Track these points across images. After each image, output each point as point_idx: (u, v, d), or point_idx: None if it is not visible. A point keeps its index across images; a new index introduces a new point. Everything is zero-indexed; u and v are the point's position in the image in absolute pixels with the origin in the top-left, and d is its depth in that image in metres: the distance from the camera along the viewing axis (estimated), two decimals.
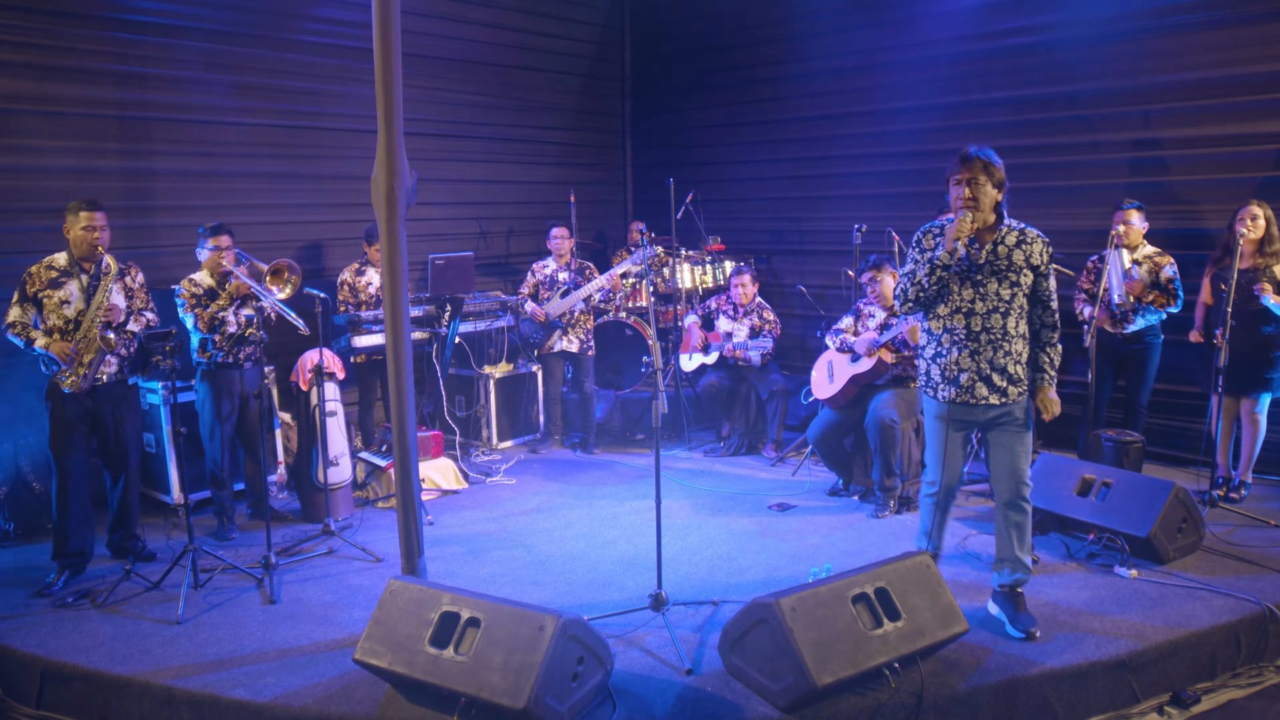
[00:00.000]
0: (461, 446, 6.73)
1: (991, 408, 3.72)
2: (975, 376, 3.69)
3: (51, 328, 4.41)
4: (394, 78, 3.61)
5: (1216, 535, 4.70)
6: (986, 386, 3.69)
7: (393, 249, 3.72)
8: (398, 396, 3.78)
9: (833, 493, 5.68)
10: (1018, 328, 3.70)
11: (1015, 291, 3.67)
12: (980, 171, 3.63)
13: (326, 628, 3.96)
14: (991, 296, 3.67)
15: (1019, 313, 3.70)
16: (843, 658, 3.15)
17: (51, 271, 4.44)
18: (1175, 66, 5.91)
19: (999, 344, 3.67)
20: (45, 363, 4.46)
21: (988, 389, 3.69)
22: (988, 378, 3.68)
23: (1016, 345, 3.70)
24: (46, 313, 4.41)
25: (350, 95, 6.83)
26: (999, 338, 3.67)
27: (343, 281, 6.35)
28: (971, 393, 3.71)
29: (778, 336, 6.62)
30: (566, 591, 4.31)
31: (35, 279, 4.42)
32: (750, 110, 8.30)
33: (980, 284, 3.67)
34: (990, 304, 3.67)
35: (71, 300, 4.43)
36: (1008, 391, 3.69)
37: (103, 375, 4.50)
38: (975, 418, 3.77)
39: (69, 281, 4.44)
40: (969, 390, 3.71)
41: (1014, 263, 3.66)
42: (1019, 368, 3.71)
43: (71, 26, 5.56)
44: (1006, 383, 3.69)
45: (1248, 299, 5.03)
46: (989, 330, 3.67)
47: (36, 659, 3.74)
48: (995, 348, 3.67)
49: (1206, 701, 3.62)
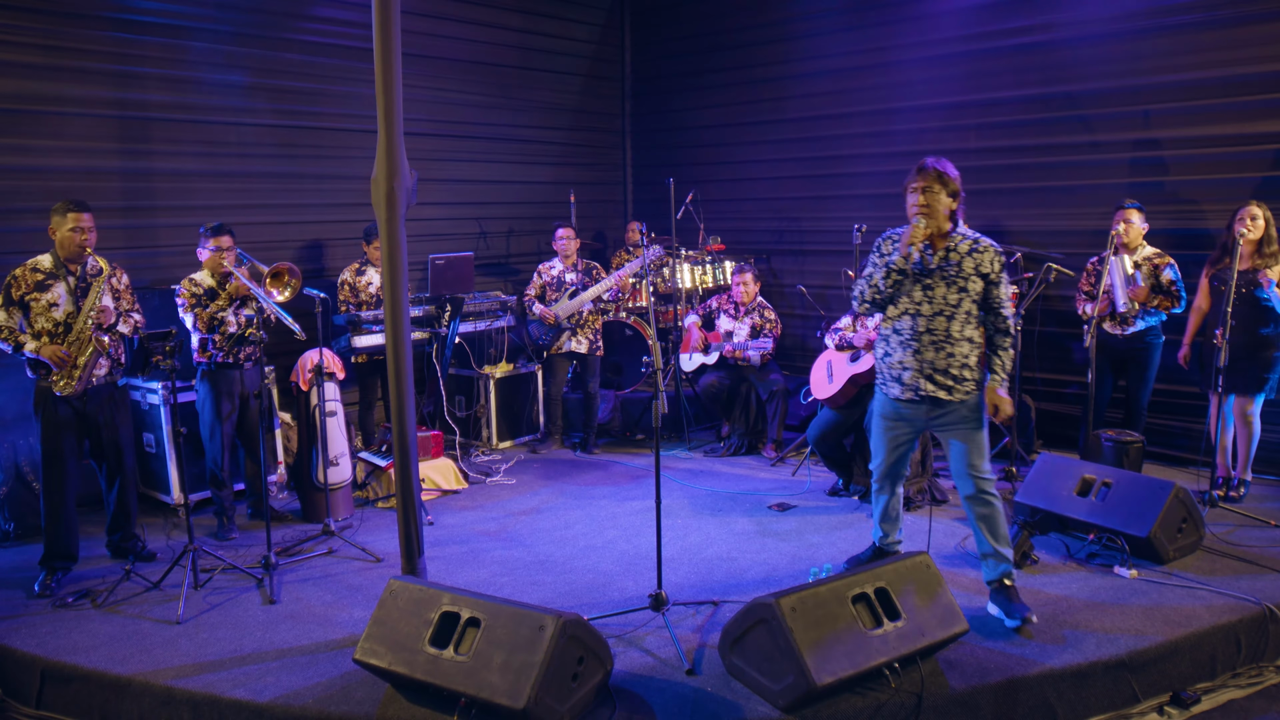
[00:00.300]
0: (461, 446, 6.73)
1: (938, 404, 3.87)
2: (919, 375, 3.86)
3: (40, 331, 4.35)
4: (394, 78, 3.61)
5: (1216, 535, 4.70)
6: (932, 384, 3.85)
7: (393, 249, 3.72)
8: (398, 396, 3.78)
9: (833, 493, 5.68)
10: (963, 331, 3.84)
11: (962, 297, 3.83)
12: (934, 181, 3.81)
13: (326, 628, 3.96)
14: (938, 300, 3.83)
15: (965, 318, 3.85)
16: (843, 658, 3.15)
17: (37, 274, 4.37)
18: (1175, 66, 5.91)
19: (941, 345, 3.83)
20: (32, 367, 4.40)
21: (933, 386, 3.84)
22: (930, 376, 3.84)
23: (961, 348, 3.84)
24: (34, 316, 4.34)
25: (350, 95, 6.83)
26: (941, 339, 3.83)
27: (343, 281, 6.35)
28: (916, 391, 3.87)
29: (778, 336, 6.62)
30: (566, 591, 4.31)
31: (20, 282, 4.34)
32: (750, 110, 8.30)
33: (929, 288, 3.84)
34: (936, 307, 3.83)
35: (60, 303, 4.38)
36: (952, 390, 3.84)
37: (94, 377, 4.48)
38: (920, 416, 3.94)
39: (56, 284, 4.38)
40: (913, 389, 3.87)
41: (964, 270, 3.81)
42: (964, 369, 3.85)
43: (72, 26, 5.56)
44: (951, 382, 3.84)
45: (1246, 300, 5.03)
46: (932, 332, 3.83)
47: (36, 659, 3.74)
48: (937, 349, 3.83)
49: (1206, 701, 3.62)
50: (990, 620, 3.85)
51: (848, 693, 3.23)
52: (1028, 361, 6.39)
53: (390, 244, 3.72)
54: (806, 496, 5.66)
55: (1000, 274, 3.85)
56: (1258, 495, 5.35)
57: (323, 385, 5.29)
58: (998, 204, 6.81)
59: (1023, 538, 4.43)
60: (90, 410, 4.50)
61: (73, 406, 4.43)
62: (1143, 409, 5.68)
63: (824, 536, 4.96)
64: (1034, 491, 4.85)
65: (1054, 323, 6.47)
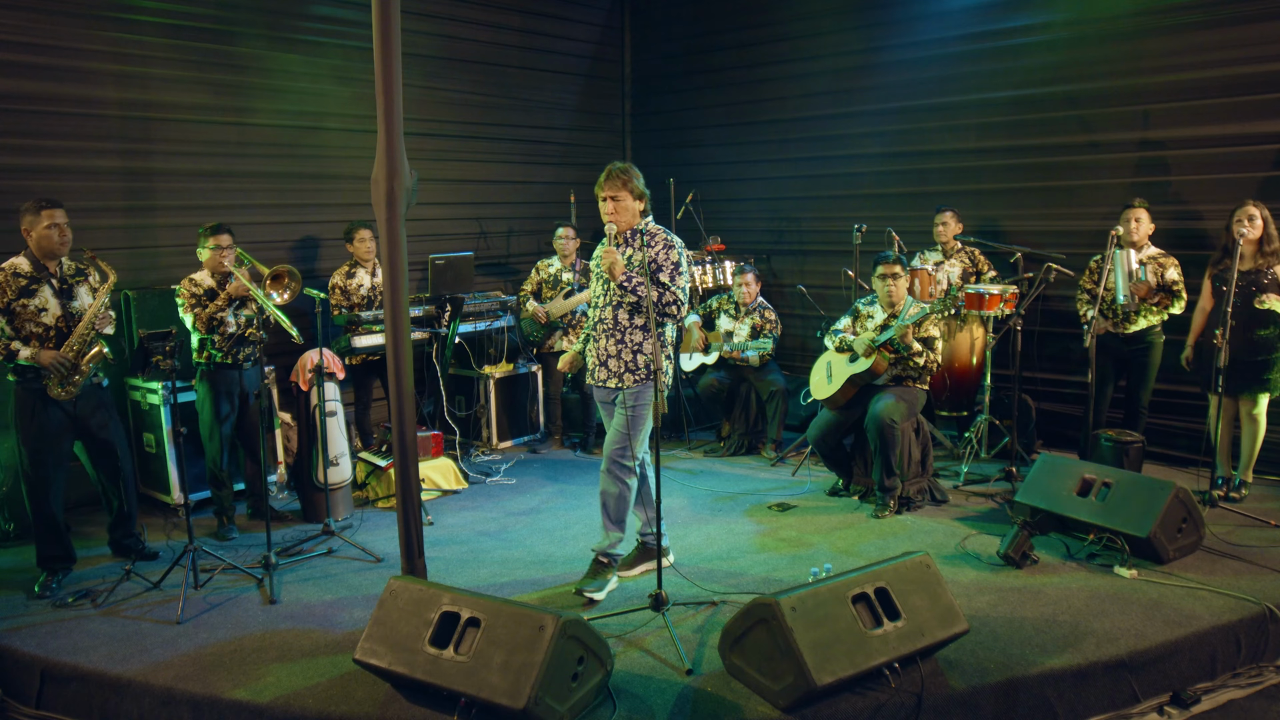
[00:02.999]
0: (461, 446, 6.73)
1: (608, 391, 4.28)
2: (596, 362, 4.26)
3: (28, 335, 4.26)
4: (394, 78, 3.61)
5: (1216, 535, 4.70)
6: (604, 370, 4.24)
7: (393, 249, 3.72)
8: (398, 396, 3.78)
9: (833, 493, 5.68)
10: (632, 320, 4.17)
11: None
12: (621, 189, 4.10)
13: (326, 628, 3.96)
14: (614, 293, 4.18)
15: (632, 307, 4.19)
16: (843, 658, 3.15)
17: (19, 280, 4.26)
18: (1175, 66, 5.91)
19: (611, 333, 4.19)
20: (19, 372, 4.29)
21: (605, 373, 4.24)
22: (604, 363, 4.24)
23: (634, 336, 4.17)
24: (21, 322, 4.25)
25: (350, 95, 6.83)
26: (610, 327, 4.19)
27: (334, 285, 6.31)
28: (593, 375, 4.29)
29: (778, 337, 6.62)
30: (566, 591, 4.31)
31: (4, 290, 4.23)
32: (750, 110, 8.30)
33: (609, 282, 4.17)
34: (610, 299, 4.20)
35: (49, 307, 4.32)
36: (623, 377, 4.19)
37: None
38: (606, 399, 4.34)
39: (40, 288, 4.31)
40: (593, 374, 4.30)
41: (632, 262, 4.15)
42: (638, 356, 4.18)
43: (72, 26, 5.56)
44: (623, 368, 4.19)
45: (1247, 300, 5.03)
46: (603, 321, 4.21)
47: (36, 659, 3.74)
48: (609, 336, 4.19)
49: (1206, 701, 3.62)
50: (991, 620, 3.85)
51: (848, 693, 3.22)
52: (1028, 361, 6.39)
53: (390, 244, 3.71)
54: (806, 496, 5.66)
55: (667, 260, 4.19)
56: (1258, 495, 5.36)
57: (323, 385, 5.29)
58: (998, 204, 6.82)
59: (1023, 538, 4.43)
60: (81, 412, 4.45)
61: (64, 410, 4.38)
62: (1143, 409, 5.68)
63: (824, 536, 4.96)
64: (1034, 491, 4.85)
65: (1054, 323, 6.47)
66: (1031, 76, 6.54)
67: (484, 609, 3.20)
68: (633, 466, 4.23)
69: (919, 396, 5.36)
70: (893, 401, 5.20)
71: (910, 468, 5.31)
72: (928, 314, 5.16)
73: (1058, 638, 3.67)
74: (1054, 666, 3.47)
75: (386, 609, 3.34)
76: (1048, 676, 3.43)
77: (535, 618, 3.10)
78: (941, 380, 6.27)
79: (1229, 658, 3.78)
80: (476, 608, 3.21)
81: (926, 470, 5.44)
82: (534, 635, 3.05)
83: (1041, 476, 4.89)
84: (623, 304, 4.15)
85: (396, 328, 3.78)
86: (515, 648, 3.05)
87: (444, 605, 3.25)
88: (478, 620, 3.17)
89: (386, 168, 3.65)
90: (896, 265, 5.32)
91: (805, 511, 5.38)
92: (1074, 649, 3.58)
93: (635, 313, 4.15)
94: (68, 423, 4.42)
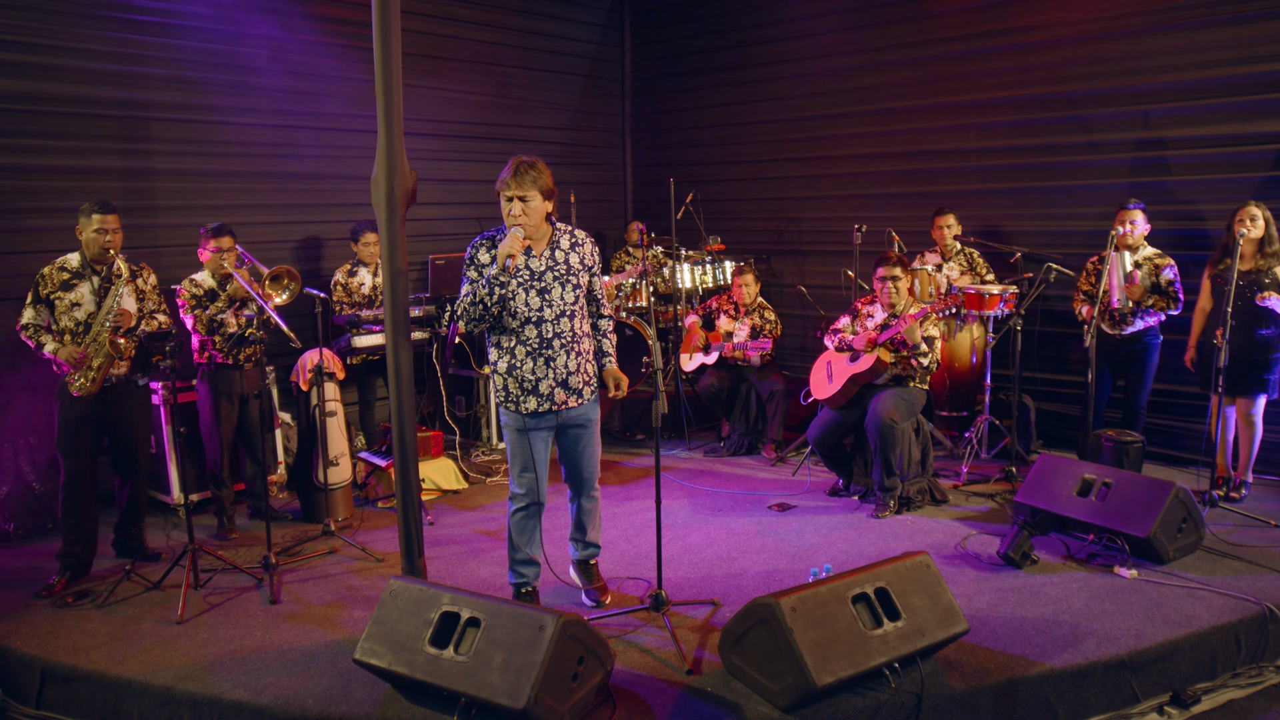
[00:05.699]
0: (461, 446, 6.73)
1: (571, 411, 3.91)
2: (553, 383, 3.83)
3: (62, 329, 4.40)
4: (394, 78, 3.61)
5: (1216, 535, 4.70)
6: (564, 390, 3.86)
7: (393, 249, 3.72)
8: (397, 396, 3.78)
9: (833, 493, 5.68)
10: (583, 327, 3.92)
11: (578, 294, 3.88)
12: (531, 187, 3.74)
13: (326, 628, 3.96)
14: (557, 302, 3.81)
15: (583, 313, 3.93)
16: (843, 658, 3.15)
17: (64, 273, 4.42)
18: (1175, 66, 5.91)
19: (570, 347, 3.84)
20: (55, 364, 4.46)
21: (565, 393, 3.86)
22: (564, 381, 3.85)
23: (584, 344, 3.91)
24: (58, 314, 4.40)
25: (350, 94, 6.82)
26: (569, 341, 3.84)
27: (336, 283, 6.34)
28: (552, 399, 3.84)
29: (778, 337, 6.62)
30: (566, 591, 4.31)
31: (47, 281, 4.39)
32: (750, 110, 8.30)
33: (545, 291, 3.80)
34: (557, 309, 3.81)
35: (83, 303, 4.41)
36: (583, 393, 3.91)
37: (113, 376, 4.49)
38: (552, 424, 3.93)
39: (81, 284, 4.42)
40: (549, 398, 3.84)
41: (571, 266, 3.85)
42: (591, 366, 3.96)
43: (72, 26, 5.56)
44: (582, 384, 3.90)
45: (1247, 301, 5.03)
46: (560, 335, 3.82)
47: (36, 659, 3.74)
48: (568, 351, 3.83)
49: (1206, 701, 3.62)
50: (991, 620, 3.85)
51: (848, 693, 3.22)
52: (1028, 361, 6.39)
53: (390, 244, 3.72)
54: (806, 496, 5.66)
55: (599, 264, 3.98)
56: (1258, 495, 5.36)
57: (323, 385, 5.29)
58: (998, 204, 6.82)
59: (1023, 538, 4.43)
60: (108, 409, 4.51)
61: (90, 405, 4.45)
62: (1141, 409, 5.68)
63: (824, 536, 4.96)
64: (1034, 491, 4.85)
65: (1054, 323, 6.47)
66: (1031, 76, 6.54)
67: (484, 609, 3.20)
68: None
69: (919, 396, 5.36)
70: (893, 401, 5.20)
71: (910, 468, 5.31)
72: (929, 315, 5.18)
73: (1058, 638, 3.67)
74: (1054, 666, 3.46)
75: (386, 609, 3.34)
76: (1047, 676, 3.43)
77: (535, 618, 3.10)
78: (941, 380, 6.28)
79: (1229, 658, 3.78)
80: (476, 608, 3.21)
81: (926, 470, 5.44)
82: (534, 635, 3.05)
83: (1041, 476, 4.89)
84: (576, 312, 3.85)
85: (396, 328, 3.79)
86: (515, 648, 3.05)
87: (444, 605, 3.25)
88: (478, 620, 3.17)
89: (386, 168, 3.65)
90: (897, 266, 5.32)
91: (805, 511, 5.38)
92: (1074, 649, 3.58)
93: (581, 317, 3.91)
94: (90, 417, 4.46)
